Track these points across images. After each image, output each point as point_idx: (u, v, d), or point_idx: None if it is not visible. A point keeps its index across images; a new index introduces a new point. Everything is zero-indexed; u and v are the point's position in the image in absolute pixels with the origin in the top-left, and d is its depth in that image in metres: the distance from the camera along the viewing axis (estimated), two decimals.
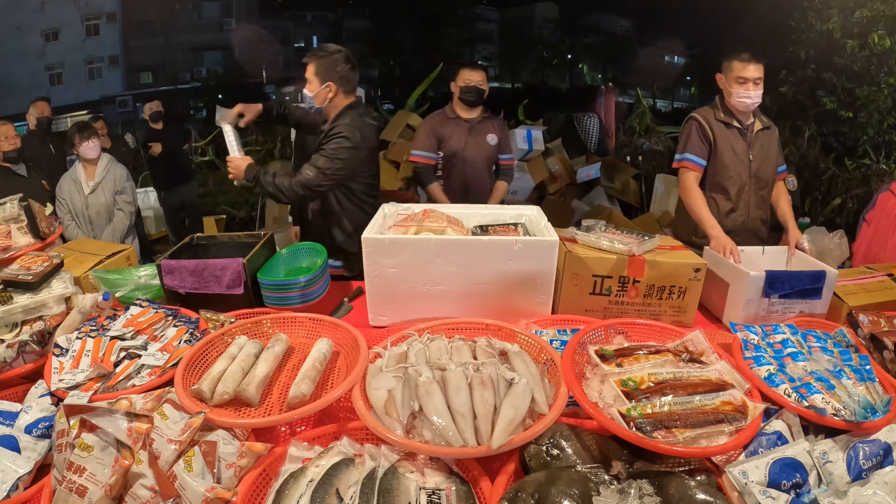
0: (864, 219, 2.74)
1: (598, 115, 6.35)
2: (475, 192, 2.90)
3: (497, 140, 2.93)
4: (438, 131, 2.88)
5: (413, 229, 1.74)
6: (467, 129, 2.88)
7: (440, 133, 2.87)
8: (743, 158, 2.24)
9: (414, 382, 1.14)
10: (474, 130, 2.88)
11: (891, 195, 2.62)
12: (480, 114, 2.92)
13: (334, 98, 2.17)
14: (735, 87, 2.16)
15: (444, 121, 2.90)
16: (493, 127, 2.94)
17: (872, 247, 2.63)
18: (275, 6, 17.54)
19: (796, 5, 5.37)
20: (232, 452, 1.04)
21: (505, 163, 2.99)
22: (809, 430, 1.18)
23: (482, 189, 2.93)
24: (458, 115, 2.89)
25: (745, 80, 2.14)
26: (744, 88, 2.14)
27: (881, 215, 2.63)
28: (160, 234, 5.67)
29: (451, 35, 19.40)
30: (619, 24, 20.45)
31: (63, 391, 1.24)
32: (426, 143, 2.88)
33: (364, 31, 18.94)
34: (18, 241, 1.83)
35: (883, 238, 2.57)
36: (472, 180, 2.90)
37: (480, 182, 2.92)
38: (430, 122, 2.94)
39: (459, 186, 2.89)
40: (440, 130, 2.88)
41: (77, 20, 13.94)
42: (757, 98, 2.16)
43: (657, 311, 1.77)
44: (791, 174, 3.20)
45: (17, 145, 3.17)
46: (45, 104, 4.50)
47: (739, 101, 2.17)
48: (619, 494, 0.96)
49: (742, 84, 2.15)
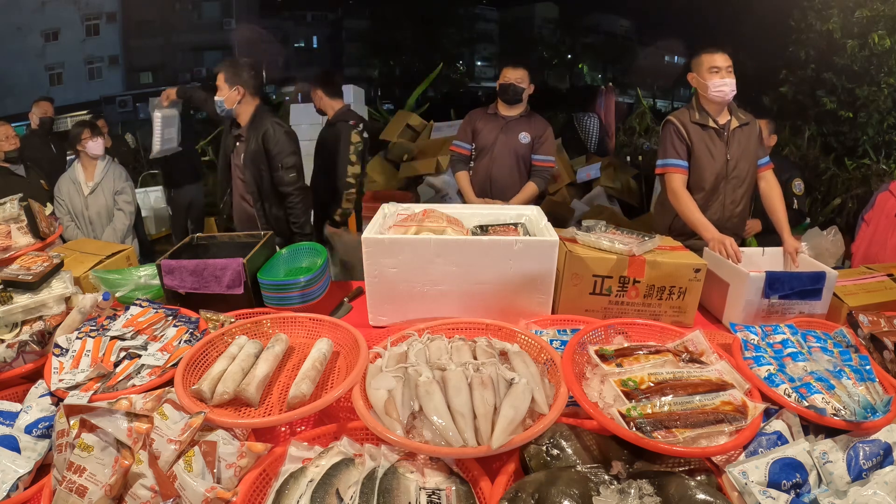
0: (864, 219, 2.74)
1: (598, 115, 6.34)
2: (499, 188, 2.93)
3: (530, 139, 2.91)
4: (475, 124, 2.98)
5: (413, 229, 1.74)
6: (501, 126, 2.92)
7: (476, 126, 2.97)
8: (720, 158, 2.24)
9: (414, 382, 1.14)
10: (508, 128, 2.92)
11: (889, 195, 2.62)
12: (521, 113, 2.94)
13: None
14: (711, 79, 2.16)
15: (483, 115, 2.99)
16: (529, 126, 2.94)
17: (872, 247, 2.63)
18: (275, 6, 17.54)
19: (796, 5, 5.37)
20: (232, 452, 1.04)
21: (540, 164, 2.94)
22: (809, 430, 1.18)
23: (507, 186, 2.93)
24: (497, 111, 2.96)
25: (717, 68, 2.15)
26: (718, 77, 2.15)
27: (880, 215, 2.63)
28: (160, 234, 5.67)
29: (451, 35, 19.41)
30: (619, 24, 20.44)
31: (63, 391, 1.25)
32: (462, 134, 3.02)
33: (364, 31, 18.95)
34: (18, 241, 1.83)
35: (882, 238, 2.57)
36: (496, 176, 2.93)
37: (506, 179, 2.94)
38: (471, 115, 3.04)
39: (483, 179, 2.96)
40: (476, 124, 2.97)
41: (77, 20, 13.94)
42: (732, 86, 2.16)
43: (657, 311, 1.77)
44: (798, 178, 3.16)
45: (16, 146, 3.17)
46: (49, 104, 4.50)
47: (717, 91, 2.16)
48: (619, 494, 0.96)
49: (716, 73, 2.15)
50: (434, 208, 1.94)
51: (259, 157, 2.43)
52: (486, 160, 2.94)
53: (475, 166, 2.98)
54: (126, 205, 3.29)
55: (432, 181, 5.16)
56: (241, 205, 2.58)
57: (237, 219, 2.66)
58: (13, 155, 3.16)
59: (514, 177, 2.94)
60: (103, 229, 3.23)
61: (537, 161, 2.93)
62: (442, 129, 6.11)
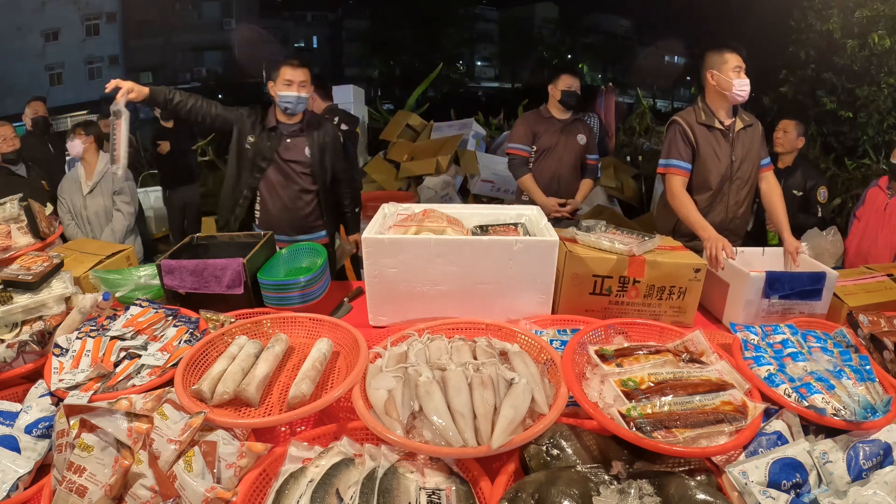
0: (855, 215, 2.76)
1: (598, 115, 6.34)
2: (563, 186, 3.12)
3: (586, 140, 3.15)
4: (534, 128, 3.13)
5: (413, 229, 1.74)
6: (560, 129, 3.11)
7: (535, 129, 3.13)
8: (724, 160, 2.24)
9: (414, 382, 1.14)
10: (566, 130, 3.11)
11: (879, 191, 2.63)
12: (572, 115, 3.15)
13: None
14: (735, 77, 2.14)
15: (540, 119, 3.16)
16: (582, 128, 3.17)
17: (863, 242, 2.64)
18: (275, 6, 17.56)
19: (796, 5, 5.37)
20: (232, 452, 1.04)
21: (591, 162, 3.19)
22: (809, 430, 1.18)
23: (569, 184, 3.14)
24: (552, 115, 3.14)
25: (741, 68, 2.15)
26: (743, 76, 2.15)
27: (870, 211, 2.64)
28: (161, 234, 5.67)
29: (451, 35, 19.43)
30: (619, 24, 20.46)
31: (63, 391, 1.24)
32: (523, 137, 3.14)
33: (364, 31, 18.97)
34: (18, 241, 1.83)
35: (873, 233, 2.58)
36: (560, 175, 3.12)
37: (568, 177, 3.15)
38: (527, 119, 3.21)
39: (550, 179, 3.12)
40: (535, 127, 3.13)
41: (77, 20, 13.96)
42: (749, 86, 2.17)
43: (657, 311, 1.77)
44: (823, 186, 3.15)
45: (16, 146, 3.17)
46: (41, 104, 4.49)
47: (741, 90, 2.14)
48: (619, 494, 0.96)
49: (740, 73, 2.15)
50: (434, 208, 1.93)
51: (326, 146, 2.48)
52: (551, 161, 3.11)
53: (539, 167, 3.14)
54: (125, 205, 3.27)
55: (432, 181, 5.16)
56: (297, 202, 2.48)
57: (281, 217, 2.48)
58: (13, 156, 3.17)
59: (576, 174, 3.17)
60: (102, 229, 3.23)
61: (590, 160, 3.19)
62: (442, 129, 6.11)
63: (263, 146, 2.38)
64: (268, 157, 2.39)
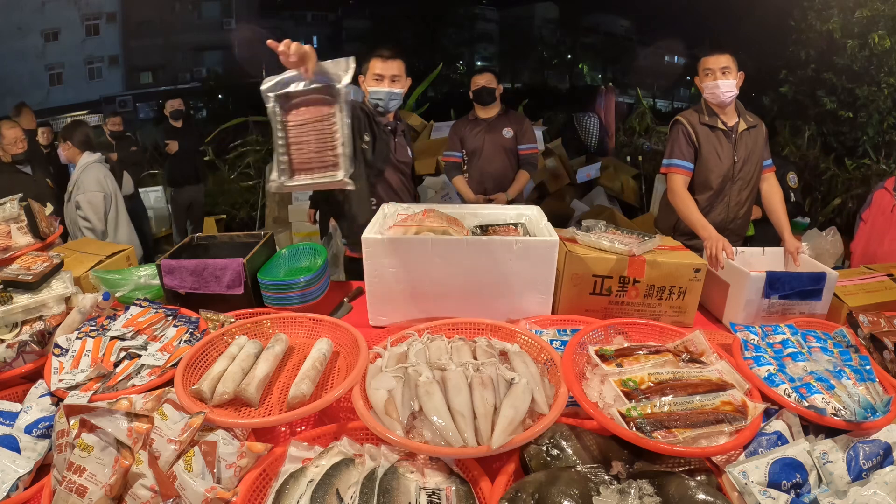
0: (861, 217, 2.76)
1: (598, 115, 6.34)
2: (495, 183, 3.17)
3: (513, 132, 3.16)
4: (460, 133, 3.26)
5: (413, 229, 1.74)
6: (485, 128, 3.17)
7: (461, 134, 3.25)
8: (727, 160, 2.26)
9: (414, 382, 1.14)
10: (491, 128, 3.17)
11: (885, 192, 2.63)
12: (498, 112, 3.18)
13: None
14: (704, 81, 2.23)
15: (465, 123, 3.26)
16: (509, 122, 3.18)
17: (870, 244, 2.64)
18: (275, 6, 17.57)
19: (796, 5, 5.37)
20: (232, 452, 1.04)
21: (525, 152, 3.20)
22: (809, 430, 1.18)
23: (501, 179, 3.18)
24: (477, 116, 3.22)
25: (710, 70, 2.20)
26: (710, 79, 2.20)
27: (877, 213, 2.64)
28: (161, 234, 5.67)
29: (451, 35, 19.43)
30: (619, 24, 20.47)
31: (63, 391, 1.24)
32: (452, 144, 3.29)
33: (364, 31, 18.96)
34: (18, 241, 1.83)
35: (880, 235, 2.58)
36: (491, 173, 3.19)
37: (499, 173, 3.19)
38: (455, 126, 3.33)
39: (479, 179, 3.20)
40: (461, 132, 3.25)
41: (77, 20, 13.96)
42: (727, 88, 2.19)
43: (657, 311, 1.77)
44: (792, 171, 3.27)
45: (24, 149, 3.22)
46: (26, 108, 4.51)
47: (710, 93, 2.22)
48: (619, 494, 0.96)
49: (708, 75, 2.21)
50: (434, 208, 1.93)
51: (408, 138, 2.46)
52: (478, 161, 3.19)
53: (470, 169, 3.24)
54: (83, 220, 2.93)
55: (432, 181, 5.16)
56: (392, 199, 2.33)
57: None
58: (21, 157, 3.20)
59: (507, 170, 3.20)
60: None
61: (523, 150, 3.20)
62: (442, 129, 6.10)
63: (383, 143, 2.17)
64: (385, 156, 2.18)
